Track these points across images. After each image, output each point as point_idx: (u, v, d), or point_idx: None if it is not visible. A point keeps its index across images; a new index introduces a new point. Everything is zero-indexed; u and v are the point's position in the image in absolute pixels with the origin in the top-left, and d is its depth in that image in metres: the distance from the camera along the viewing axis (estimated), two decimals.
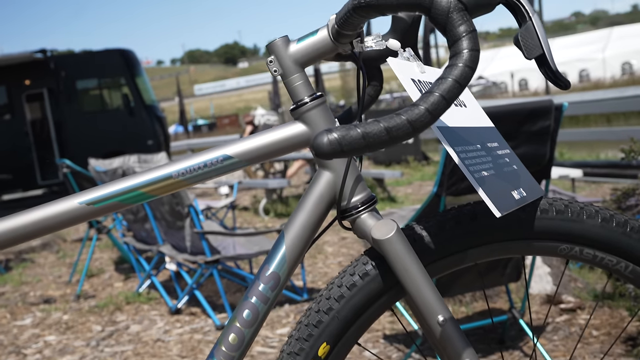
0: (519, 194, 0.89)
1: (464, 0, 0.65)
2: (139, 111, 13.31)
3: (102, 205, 0.91)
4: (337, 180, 0.92)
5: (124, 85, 13.58)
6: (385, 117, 0.63)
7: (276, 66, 0.91)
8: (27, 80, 13.11)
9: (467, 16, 0.65)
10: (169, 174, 0.91)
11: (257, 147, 0.92)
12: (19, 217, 0.91)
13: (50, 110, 13.15)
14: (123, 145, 12.89)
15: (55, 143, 13.19)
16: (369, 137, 0.62)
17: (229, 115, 46.71)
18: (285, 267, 0.93)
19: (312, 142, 0.62)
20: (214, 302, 3.76)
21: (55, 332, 3.59)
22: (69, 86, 13.08)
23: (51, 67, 12.87)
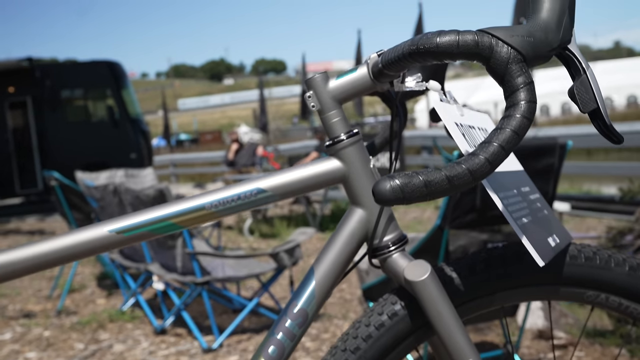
0: (554, 241, 0.89)
1: (522, 52, 0.66)
2: (123, 124, 13.23)
3: (132, 235, 0.90)
4: (370, 218, 0.92)
5: (110, 97, 13.51)
6: (446, 165, 0.64)
7: (314, 101, 0.91)
8: (11, 88, 13.00)
9: (526, 68, 0.66)
10: (202, 205, 0.90)
11: (291, 182, 0.92)
12: (48, 242, 0.89)
13: (33, 118, 13.02)
14: (106, 157, 12.79)
15: (37, 152, 13.05)
16: (431, 185, 0.63)
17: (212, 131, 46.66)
18: (313, 304, 0.92)
19: (374, 188, 0.62)
20: (200, 323, 3.71)
21: (35, 348, 3.51)
22: (53, 95, 12.97)
23: (36, 76, 12.76)
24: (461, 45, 0.67)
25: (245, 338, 3.44)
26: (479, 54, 0.67)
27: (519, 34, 0.67)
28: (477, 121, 0.95)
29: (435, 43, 0.69)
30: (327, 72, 0.94)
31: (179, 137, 43.44)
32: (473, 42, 0.67)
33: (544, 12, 0.70)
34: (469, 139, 0.85)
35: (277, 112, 39.81)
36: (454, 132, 0.81)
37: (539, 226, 0.88)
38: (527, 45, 0.67)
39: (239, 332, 3.51)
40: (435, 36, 0.69)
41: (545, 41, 0.68)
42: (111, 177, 5.87)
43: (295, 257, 3.35)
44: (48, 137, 12.93)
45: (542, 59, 0.69)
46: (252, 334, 3.50)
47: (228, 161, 11.48)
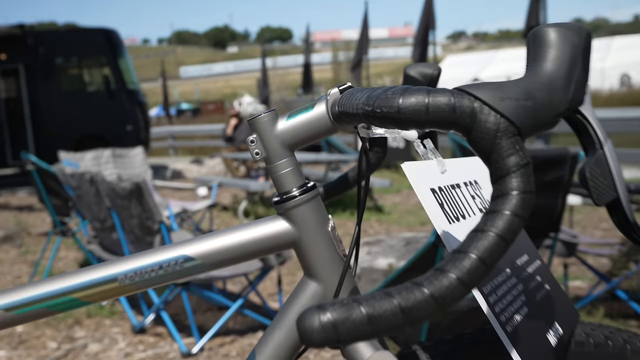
0: (555, 334, 0.72)
1: (516, 122, 0.49)
2: (119, 95, 13.02)
3: (24, 313, 0.73)
4: (326, 293, 0.75)
5: (105, 66, 13.29)
6: (398, 287, 0.47)
7: (259, 147, 0.74)
8: (3, 55, 12.77)
9: (520, 143, 0.49)
10: (113, 276, 0.74)
11: (226, 248, 0.75)
12: None
13: (25, 87, 12.82)
14: (101, 129, 12.63)
15: (30, 122, 12.88)
16: (378, 321, 0.45)
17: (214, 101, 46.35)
18: None
19: (298, 323, 0.46)
20: (181, 321, 3.58)
21: (6, 346, 3.39)
22: (46, 63, 12.75)
23: (29, 43, 12.53)
24: (432, 111, 0.49)
25: (229, 341, 3.31)
26: (457, 123, 0.49)
27: (512, 95, 0.49)
28: (465, 172, 0.77)
29: (397, 106, 0.51)
30: (276, 110, 0.76)
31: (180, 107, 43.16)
32: (448, 107, 0.49)
33: (548, 62, 0.52)
34: (449, 209, 0.68)
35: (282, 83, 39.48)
36: (429, 203, 0.63)
37: (536, 321, 0.71)
38: (523, 112, 0.49)
39: (222, 334, 3.37)
40: (398, 96, 0.51)
41: (548, 104, 0.50)
42: (97, 157, 5.71)
43: (282, 256, 3.20)
44: (41, 107, 12.75)
45: (542, 128, 0.51)
46: (236, 336, 3.36)
47: (226, 137, 11.27)
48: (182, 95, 54.76)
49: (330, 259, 0.75)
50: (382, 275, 2.85)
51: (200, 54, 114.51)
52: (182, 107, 44.70)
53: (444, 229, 0.63)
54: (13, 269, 5.17)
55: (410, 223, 6.44)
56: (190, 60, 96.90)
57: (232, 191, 8.99)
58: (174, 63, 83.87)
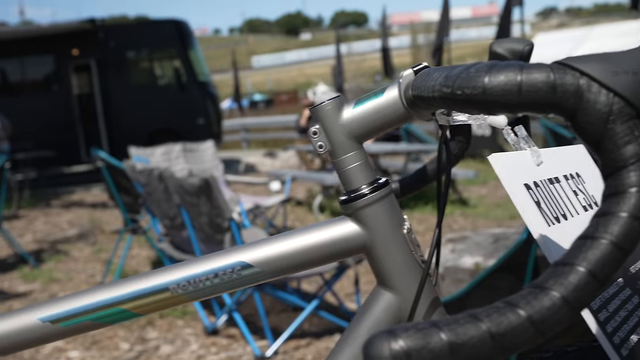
0: None
1: (635, 102, 0.41)
2: (190, 87, 13.29)
3: (70, 325, 0.71)
4: (402, 306, 0.69)
5: (176, 58, 13.59)
6: (487, 309, 0.40)
7: (322, 139, 0.69)
8: (75, 50, 13.26)
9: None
10: (164, 285, 0.70)
11: (287, 254, 0.70)
12: None
13: (97, 82, 13.29)
14: (172, 123, 12.94)
15: (102, 118, 13.35)
16: (461, 350, 0.39)
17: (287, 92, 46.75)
18: None
19: (365, 350, 0.39)
20: (255, 322, 3.59)
21: (79, 346, 3.50)
22: (118, 58, 13.17)
23: (100, 37, 12.97)
24: (526, 91, 0.42)
25: (304, 344, 3.29)
26: (557, 105, 0.42)
27: (627, 68, 0.41)
28: (564, 164, 0.69)
29: (482, 87, 0.44)
30: (342, 96, 0.70)
31: (253, 98, 43.76)
32: (546, 86, 0.42)
33: None
34: (548, 208, 0.60)
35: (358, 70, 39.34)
36: (522, 202, 0.56)
37: None
38: None
39: (297, 336, 3.36)
40: (483, 74, 0.44)
41: None
42: (168, 152, 5.83)
43: None
44: (113, 102, 13.18)
45: None
46: (312, 339, 3.34)
47: (300, 128, 11.31)
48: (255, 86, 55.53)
49: (407, 265, 0.69)
50: (468, 275, 2.74)
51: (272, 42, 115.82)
52: (255, 98, 45.34)
53: (541, 233, 0.55)
54: (87, 267, 5.36)
55: (498, 217, 6.24)
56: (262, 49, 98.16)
57: (307, 185, 9.01)
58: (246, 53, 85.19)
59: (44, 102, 12.89)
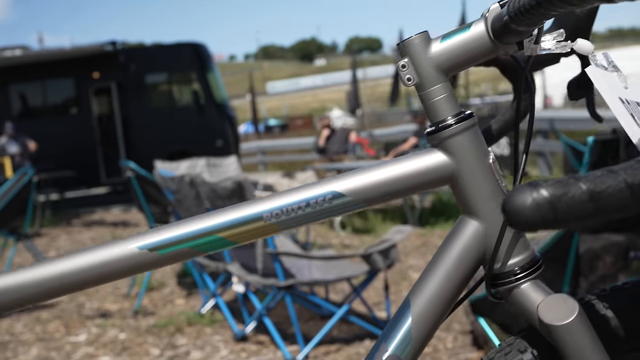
0: None
1: None
2: (209, 109, 13.40)
3: (168, 253, 0.74)
4: (489, 233, 0.72)
5: (195, 81, 13.73)
6: (621, 165, 0.42)
7: (411, 73, 0.72)
8: (96, 74, 13.44)
9: None
10: (258, 214, 0.73)
11: (377, 184, 0.73)
12: (62, 262, 0.75)
13: (118, 105, 13.44)
14: (191, 145, 13.02)
15: (122, 140, 13.47)
16: (600, 198, 0.41)
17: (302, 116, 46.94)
18: (410, 349, 0.73)
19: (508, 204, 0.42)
20: (284, 329, 3.59)
21: (110, 352, 3.52)
22: (138, 81, 13.32)
23: (121, 61, 13.14)
24: None
25: (334, 349, 3.29)
26: None
27: None
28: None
29: None
30: (428, 32, 0.73)
31: (268, 123, 43.98)
32: None
33: None
34: (637, 121, 0.62)
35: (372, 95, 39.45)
36: (619, 110, 0.59)
37: None
38: None
39: (327, 342, 3.36)
40: None
41: None
42: (192, 166, 5.87)
43: (390, 258, 3.16)
44: (133, 125, 13.30)
45: None
46: (342, 345, 3.34)
47: (318, 148, 11.38)
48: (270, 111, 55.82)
49: (493, 194, 0.71)
50: None
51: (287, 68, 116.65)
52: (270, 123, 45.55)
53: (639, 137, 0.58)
54: None
55: None
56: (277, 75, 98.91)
57: None
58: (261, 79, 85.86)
59: (65, 125, 13.05)
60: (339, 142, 11.21)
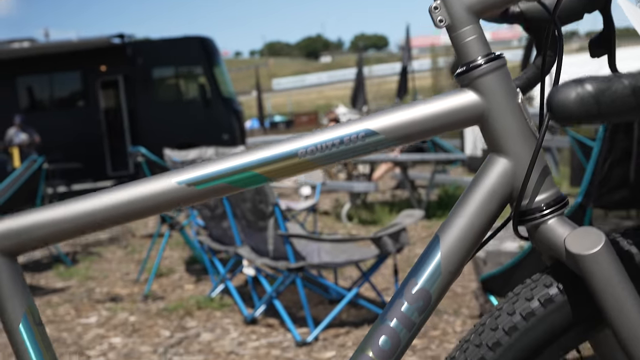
0: None
1: None
2: (215, 103, 13.42)
3: (206, 188, 0.77)
4: (517, 171, 0.74)
5: (201, 75, 13.76)
6: None
7: (443, 14, 0.74)
8: (103, 67, 13.48)
9: None
10: (293, 151, 0.76)
11: (410, 121, 0.75)
12: (106, 196, 0.78)
13: (124, 98, 13.47)
14: (197, 138, 13.02)
15: (128, 133, 13.50)
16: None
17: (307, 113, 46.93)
18: (438, 284, 0.75)
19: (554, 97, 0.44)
20: (293, 314, 3.62)
21: (121, 334, 3.56)
22: (145, 74, 13.35)
23: (128, 54, 13.17)
24: None
25: (344, 332, 3.32)
26: None
27: None
28: None
29: None
30: None
31: (273, 119, 43.98)
32: None
33: None
34: None
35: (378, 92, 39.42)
36: None
37: None
38: None
39: (336, 325, 3.39)
40: None
41: None
42: (201, 155, 5.91)
43: (400, 242, 3.18)
44: (139, 118, 13.33)
45: None
46: (351, 328, 3.37)
47: None
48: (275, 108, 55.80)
49: (522, 132, 0.74)
50: (511, 258, 2.76)
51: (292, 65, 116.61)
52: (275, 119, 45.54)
53: None
54: (121, 266, 5.43)
55: None
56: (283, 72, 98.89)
57: (334, 196, 9.05)
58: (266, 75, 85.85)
59: (71, 118, 13.09)
60: None
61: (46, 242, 0.80)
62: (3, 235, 0.79)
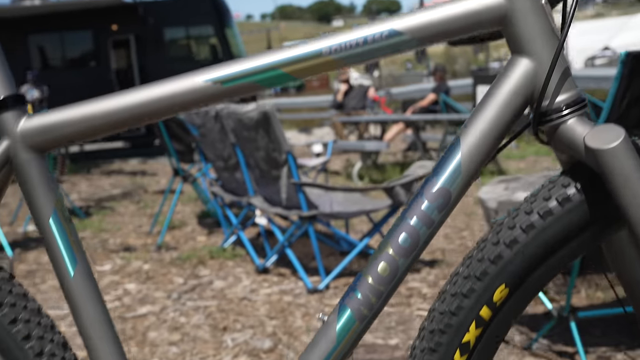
0: None
1: None
2: None
3: (232, 85, 0.78)
4: (539, 71, 0.75)
5: (213, 35, 13.70)
6: None
7: None
8: (114, 26, 13.43)
9: None
10: (317, 50, 0.77)
11: (435, 22, 0.76)
12: (134, 94, 0.80)
13: (136, 58, 13.44)
14: None
15: None
16: None
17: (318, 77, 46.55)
18: (458, 182, 0.77)
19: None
20: (305, 264, 3.66)
21: (135, 280, 3.62)
22: (156, 34, 13.31)
23: (139, 13, 13.11)
24: None
25: None
26: None
27: None
28: None
29: None
30: None
31: None
32: None
33: None
34: None
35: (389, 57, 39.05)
36: None
37: None
38: None
39: (346, 275, 3.43)
40: None
41: None
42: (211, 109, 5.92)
43: (412, 192, 3.20)
44: (150, 77, 13.23)
45: None
46: None
47: (336, 103, 11.36)
48: None
49: (545, 33, 0.75)
50: None
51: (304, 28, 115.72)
52: None
53: None
54: (133, 220, 5.50)
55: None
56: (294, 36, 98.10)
57: (344, 157, 9.06)
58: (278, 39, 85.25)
59: (83, 77, 13.08)
60: (358, 98, 11.17)
61: (75, 139, 0.82)
62: (33, 132, 0.81)
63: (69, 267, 0.82)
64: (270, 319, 2.88)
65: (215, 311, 3.03)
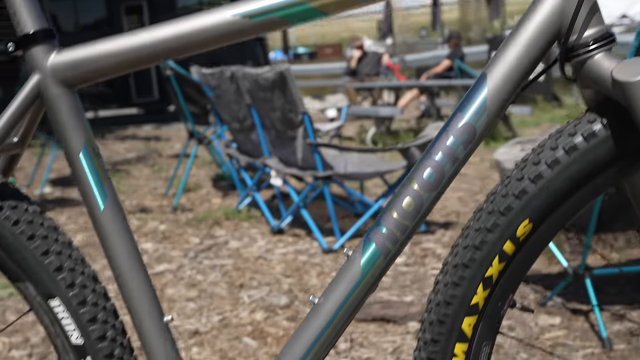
0: None
1: None
2: None
3: (260, 20, 0.79)
4: (566, 6, 0.75)
5: (226, 1, 13.59)
6: None
7: None
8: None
9: None
10: None
11: None
12: (162, 29, 0.80)
13: (148, 24, 13.36)
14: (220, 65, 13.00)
15: None
16: None
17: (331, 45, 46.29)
18: (484, 119, 0.77)
19: None
20: (319, 225, 3.68)
21: (151, 240, 3.66)
22: (169, 0, 13.24)
23: None
24: None
25: None
26: None
27: None
28: None
29: None
30: None
31: (297, 51, 43.50)
32: None
33: None
34: None
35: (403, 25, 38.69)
36: None
37: None
38: None
39: (361, 236, 3.44)
40: None
41: None
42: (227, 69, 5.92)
43: None
44: None
45: None
46: None
47: (350, 70, 11.31)
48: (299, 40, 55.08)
49: None
50: None
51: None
52: (299, 51, 45.00)
53: None
54: (149, 182, 5.54)
55: None
56: None
57: (358, 123, 9.04)
58: None
59: None
60: (372, 64, 11.11)
61: (107, 74, 0.83)
62: (64, 67, 0.82)
63: (99, 201, 0.84)
64: (285, 277, 2.91)
65: (232, 269, 3.06)
